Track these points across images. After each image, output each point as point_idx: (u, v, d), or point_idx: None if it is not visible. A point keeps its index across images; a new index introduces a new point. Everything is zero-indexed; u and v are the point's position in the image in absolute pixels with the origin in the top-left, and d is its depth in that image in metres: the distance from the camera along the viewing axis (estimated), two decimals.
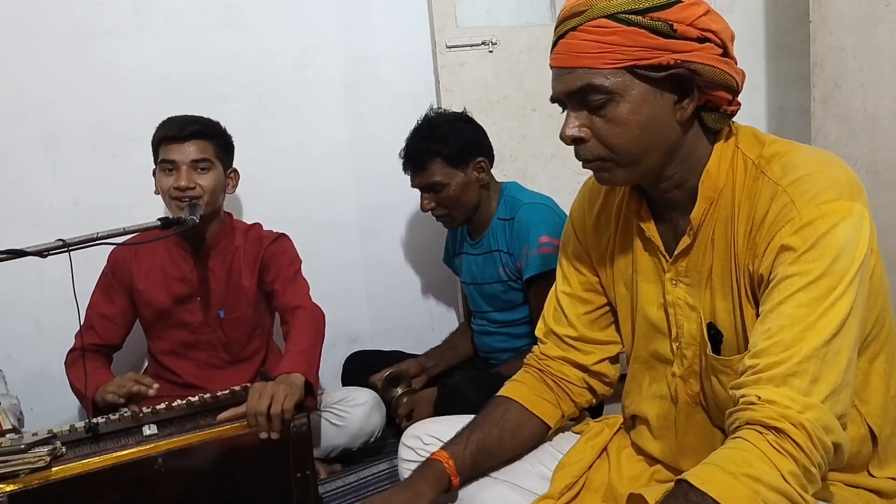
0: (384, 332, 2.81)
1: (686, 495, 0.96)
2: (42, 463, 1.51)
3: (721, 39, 1.11)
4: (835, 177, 1.07)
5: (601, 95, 1.11)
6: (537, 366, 1.45)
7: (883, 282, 1.15)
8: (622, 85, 1.10)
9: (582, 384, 1.44)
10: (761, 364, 1.02)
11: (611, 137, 1.14)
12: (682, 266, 1.23)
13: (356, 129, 2.69)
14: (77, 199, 2.39)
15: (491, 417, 1.38)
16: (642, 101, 1.11)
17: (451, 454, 1.30)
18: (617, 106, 1.11)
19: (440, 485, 1.28)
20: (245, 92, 2.54)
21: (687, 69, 1.09)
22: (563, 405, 1.44)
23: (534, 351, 1.49)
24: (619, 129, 1.13)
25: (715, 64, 1.10)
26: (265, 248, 2.16)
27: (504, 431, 1.37)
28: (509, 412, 1.39)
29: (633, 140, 1.13)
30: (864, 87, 2.05)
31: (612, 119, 1.12)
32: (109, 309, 2.14)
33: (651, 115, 1.12)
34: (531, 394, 1.42)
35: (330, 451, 2.16)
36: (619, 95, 1.11)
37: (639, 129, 1.12)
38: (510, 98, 2.71)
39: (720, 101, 1.14)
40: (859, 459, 1.18)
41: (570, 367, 1.43)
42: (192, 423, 1.75)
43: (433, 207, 2.22)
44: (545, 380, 1.44)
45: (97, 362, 2.12)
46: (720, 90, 1.12)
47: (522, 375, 1.46)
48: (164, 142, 2.02)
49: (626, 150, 1.14)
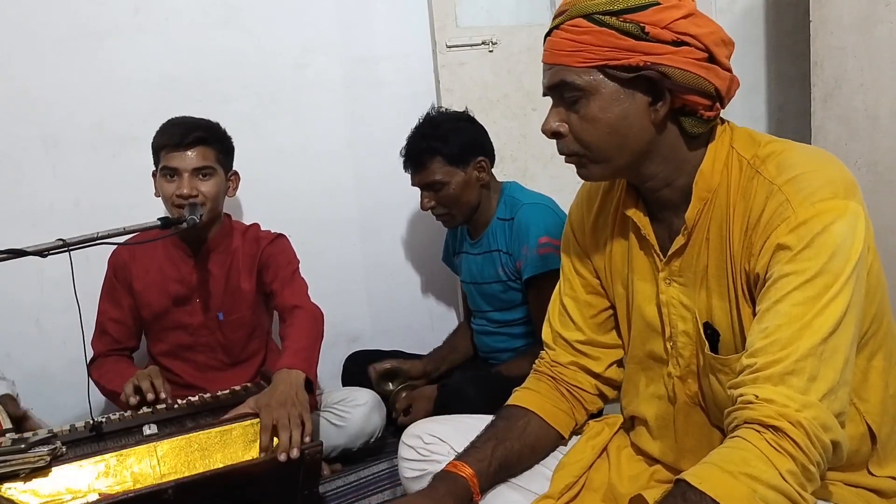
0: (384, 331, 2.81)
1: (685, 495, 0.96)
2: (42, 462, 1.51)
3: (704, 44, 1.10)
4: (830, 175, 1.07)
5: (574, 92, 1.15)
6: (550, 373, 1.44)
7: (881, 279, 1.15)
8: (593, 84, 1.13)
9: (595, 391, 1.44)
10: (759, 363, 1.02)
11: (583, 133, 1.17)
12: (676, 266, 1.23)
13: (356, 129, 2.69)
14: (77, 199, 2.39)
15: (513, 432, 1.36)
16: (612, 100, 1.13)
17: (477, 472, 1.28)
18: (588, 103, 1.14)
19: (464, 501, 1.27)
20: (245, 92, 2.54)
21: (657, 72, 1.10)
22: (577, 414, 1.44)
23: (543, 357, 1.48)
24: (589, 125, 1.16)
25: (689, 68, 1.10)
26: (263, 248, 2.16)
27: (525, 447, 1.36)
28: (530, 426, 1.38)
29: (602, 137, 1.16)
30: (864, 86, 2.05)
31: (584, 116, 1.15)
32: (118, 313, 2.15)
33: (622, 115, 1.13)
34: (549, 405, 1.41)
35: (330, 450, 2.16)
36: (590, 93, 1.14)
37: (608, 127, 1.14)
38: (510, 98, 2.71)
39: (696, 106, 1.13)
40: (858, 458, 1.18)
41: (583, 375, 1.43)
42: (192, 423, 1.75)
43: (433, 206, 2.22)
44: (560, 389, 1.43)
45: (124, 363, 2.16)
46: (693, 95, 1.12)
47: (537, 384, 1.45)
48: (165, 148, 2.01)
49: (597, 147, 1.17)
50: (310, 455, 1.67)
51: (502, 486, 1.36)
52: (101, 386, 2.07)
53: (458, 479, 1.27)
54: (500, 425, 1.38)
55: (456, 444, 1.41)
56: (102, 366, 2.12)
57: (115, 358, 2.15)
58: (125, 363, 2.16)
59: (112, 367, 2.11)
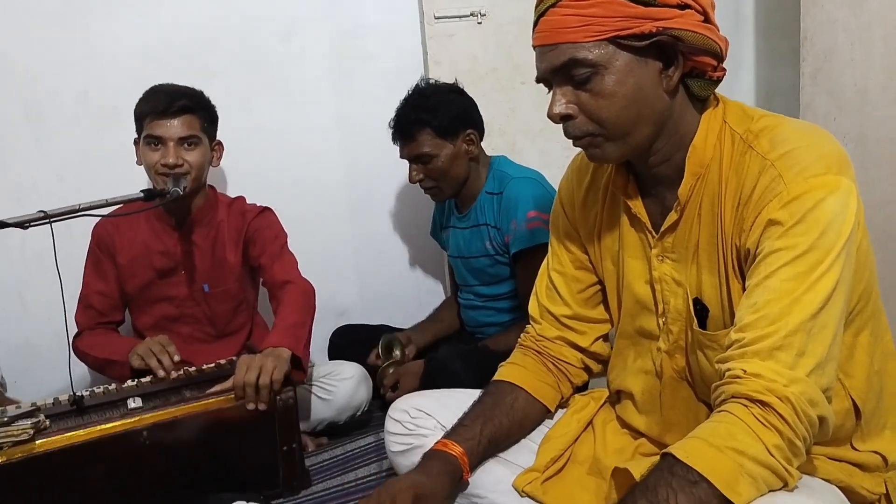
0: (372, 306, 2.81)
1: (671, 469, 0.97)
2: (25, 436, 1.51)
3: (701, 6, 1.11)
4: (823, 151, 1.07)
5: (586, 69, 1.11)
6: (536, 347, 1.45)
7: (869, 256, 1.15)
8: (606, 57, 1.10)
9: (580, 365, 1.45)
10: (747, 338, 1.02)
11: (598, 111, 1.13)
12: (669, 242, 1.23)
13: (343, 102, 2.66)
14: (61, 173, 2.36)
15: (501, 408, 1.37)
16: (627, 72, 1.10)
17: (466, 450, 1.29)
18: (602, 78, 1.11)
19: (455, 480, 1.28)
20: (230, 64, 2.50)
21: (669, 36, 1.08)
22: (563, 387, 1.45)
23: (528, 331, 1.48)
24: (606, 101, 1.12)
25: (697, 29, 1.09)
26: (249, 222, 2.14)
27: (513, 423, 1.37)
28: (517, 401, 1.39)
29: (620, 112, 1.13)
30: (854, 61, 2.04)
31: (599, 92, 1.12)
32: (103, 286, 2.13)
33: (637, 86, 1.11)
34: (535, 380, 1.42)
35: (317, 424, 2.16)
36: (603, 68, 1.10)
37: (626, 100, 1.12)
38: (499, 71, 2.68)
39: (705, 67, 1.13)
40: (843, 433, 1.19)
41: (568, 349, 1.44)
42: (177, 397, 1.74)
43: (421, 179, 2.21)
44: (545, 363, 1.44)
45: (114, 333, 2.16)
46: (704, 56, 1.12)
47: (522, 359, 1.45)
48: (149, 116, 1.98)
49: (615, 123, 1.14)
50: (283, 402, 1.68)
51: (490, 461, 1.36)
52: (92, 356, 2.06)
53: (449, 457, 1.28)
54: (487, 402, 1.38)
55: (442, 419, 1.42)
56: (90, 338, 2.10)
57: (102, 329, 2.13)
58: (114, 333, 2.15)
59: (101, 338, 2.09)
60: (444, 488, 1.24)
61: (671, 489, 0.95)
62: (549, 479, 1.34)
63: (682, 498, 0.94)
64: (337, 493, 1.88)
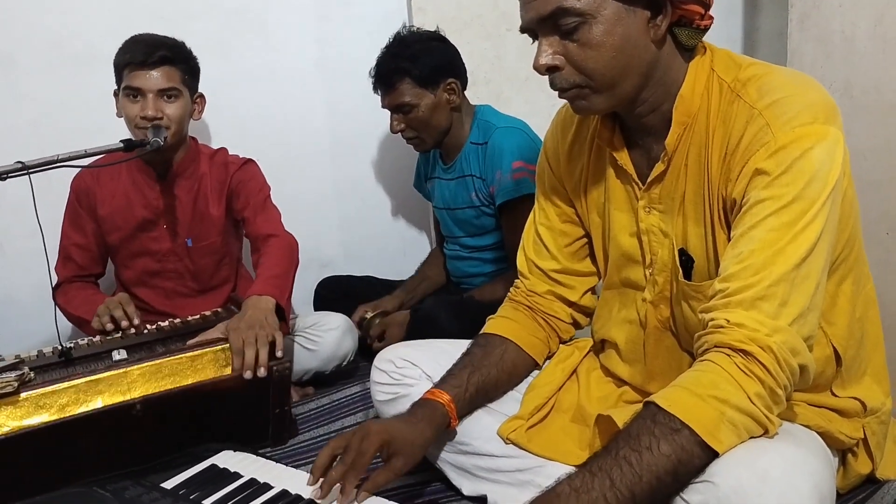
0: (356, 256, 2.80)
1: (654, 417, 0.98)
2: (10, 388, 1.50)
3: None
4: (811, 100, 1.06)
5: (573, 18, 1.09)
6: (527, 303, 1.46)
7: (854, 206, 1.15)
8: (594, 5, 1.08)
9: (569, 320, 1.47)
10: (731, 288, 1.02)
11: (586, 61, 1.11)
12: (656, 193, 1.22)
13: (326, 49, 2.61)
14: (36, 119, 2.31)
15: (490, 359, 1.38)
16: (616, 21, 1.09)
17: (454, 397, 1.31)
18: (590, 28, 1.09)
19: (441, 427, 1.30)
20: (211, 10, 2.44)
21: None
22: (552, 342, 1.47)
23: (518, 286, 1.49)
24: (593, 52, 1.10)
25: None
26: (232, 174, 2.11)
27: (502, 373, 1.39)
28: (507, 353, 1.40)
29: (608, 63, 1.11)
30: (842, 7, 2.02)
31: (586, 42, 1.10)
32: (82, 239, 2.11)
33: (625, 35, 1.09)
34: (525, 333, 1.43)
35: (302, 374, 2.17)
36: (591, 17, 1.08)
37: (614, 50, 1.10)
38: (484, 18, 2.64)
39: (693, 16, 1.11)
40: (823, 379, 1.21)
41: (559, 304, 1.45)
42: (162, 348, 1.74)
43: (403, 129, 2.18)
44: (537, 318, 1.45)
45: (90, 289, 2.13)
46: (692, 3, 1.10)
47: (513, 313, 1.46)
48: (129, 66, 1.94)
49: (602, 74, 1.12)
50: (279, 372, 1.68)
51: (478, 410, 1.38)
52: (68, 312, 2.04)
53: (436, 405, 1.29)
54: (476, 353, 1.39)
55: (427, 368, 1.43)
56: (68, 292, 2.08)
57: (80, 284, 2.11)
58: (91, 290, 2.13)
59: (78, 293, 2.08)
60: (422, 435, 1.26)
61: (653, 436, 0.96)
62: (534, 426, 1.36)
63: (664, 445, 0.95)
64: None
